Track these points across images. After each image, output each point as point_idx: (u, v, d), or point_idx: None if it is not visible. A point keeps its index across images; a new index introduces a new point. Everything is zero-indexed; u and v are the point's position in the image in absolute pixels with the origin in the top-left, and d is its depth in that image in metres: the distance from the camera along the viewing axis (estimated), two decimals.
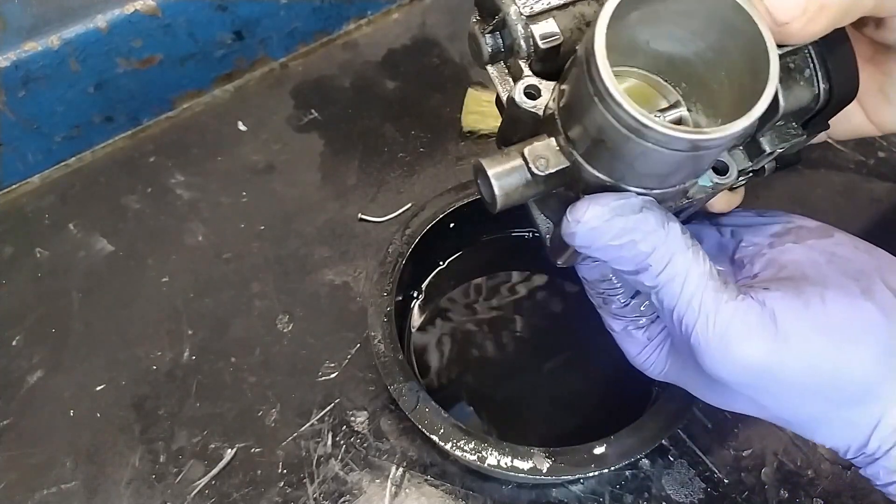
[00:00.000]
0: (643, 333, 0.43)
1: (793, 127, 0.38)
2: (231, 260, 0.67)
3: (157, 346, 0.62)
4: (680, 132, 0.30)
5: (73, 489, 0.56)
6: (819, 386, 0.36)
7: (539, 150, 0.34)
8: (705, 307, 0.35)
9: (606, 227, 0.34)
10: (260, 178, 0.72)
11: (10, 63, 0.64)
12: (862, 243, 0.41)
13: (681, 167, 0.33)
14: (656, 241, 0.35)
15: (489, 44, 0.38)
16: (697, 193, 0.38)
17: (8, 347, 0.62)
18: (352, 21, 0.83)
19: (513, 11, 0.36)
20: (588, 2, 0.37)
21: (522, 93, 0.36)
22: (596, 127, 0.32)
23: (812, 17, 0.32)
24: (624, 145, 0.32)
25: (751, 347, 0.35)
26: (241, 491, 0.56)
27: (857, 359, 0.35)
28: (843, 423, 0.37)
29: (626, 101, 0.30)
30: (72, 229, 0.69)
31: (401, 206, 0.69)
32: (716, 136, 0.30)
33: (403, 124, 0.76)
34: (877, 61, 0.42)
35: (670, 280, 0.35)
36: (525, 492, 0.55)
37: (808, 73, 0.37)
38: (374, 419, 0.59)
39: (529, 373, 0.60)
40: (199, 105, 0.78)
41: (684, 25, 0.34)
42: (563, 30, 0.36)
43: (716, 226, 0.45)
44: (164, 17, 0.69)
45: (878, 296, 0.37)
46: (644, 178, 0.34)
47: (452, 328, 0.62)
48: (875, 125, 0.45)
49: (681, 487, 0.55)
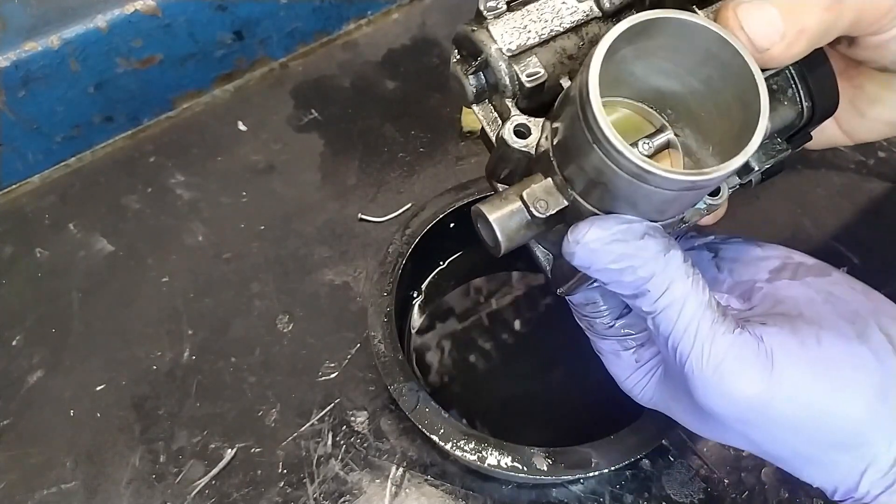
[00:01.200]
0: (632, 355, 0.43)
1: (778, 143, 0.39)
2: (231, 260, 0.67)
3: (157, 346, 0.62)
4: (681, 175, 0.30)
5: (72, 489, 0.56)
6: (810, 426, 0.36)
7: (538, 193, 0.35)
8: (701, 337, 0.35)
9: (606, 250, 0.34)
10: (260, 178, 0.72)
11: (11, 63, 0.64)
12: (859, 284, 0.41)
13: (680, 202, 0.34)
14: (655, 267, 0.35)
15: (473, 84, 0.38)
16: (693, 216, 0.39)
17: (8, 347, 0.62)
18: (352, 21, 0.83)
19: (494, 51, 0.36)
20: (568, 35, 0.37)
21: (513, 132, 0.36)
22: (594, 169, 0.32)
23: (792, 42, 0.33)
24: (624, 187, 0.32)
25: (745, 382, 0.35)
26: (241, 491, 0.56)
27: (849, 403, 0.35)
28: (832, 464, 0.37)
29: (626, 147, 0.30)
30: (72, 229, 0.69)
31: (401, 206, 0.69)
32: (714, 177, 0.30)
33: (403, 124, 0.76)
34: (848, 75, 0.43)
35: (668, 306, 0.35)
36: (525, 492, 0.55)
37: (790, 93, 0.37)
38: (374, 419, 0.59)
39: (529, 373, 0.60)
40: (199, 105, 0.78)
41: (672, 60, 0.34)
42: (546, 66, 0.36)
43: (713, 256, 0.45)
44: (164, 17, 0.69)
45: (872, 339, 0.37)
46: (644, 213, 0.34)
47: (452, 328, 0.62)
48: (847, 136, 0.46)
49: (681, 487, 0.55)
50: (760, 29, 0.33)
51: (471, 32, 0.36)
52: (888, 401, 0.36)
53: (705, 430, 0.40)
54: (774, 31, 0.33)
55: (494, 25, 0.36)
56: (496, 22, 0.36)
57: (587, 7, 0.36)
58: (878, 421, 0.35)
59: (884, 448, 0.35)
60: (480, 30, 0.36)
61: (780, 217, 0.68)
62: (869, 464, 0.36)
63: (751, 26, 0.33)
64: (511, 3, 0.36)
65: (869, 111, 0.44)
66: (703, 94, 0.35)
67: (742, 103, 0.32)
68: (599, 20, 0.37)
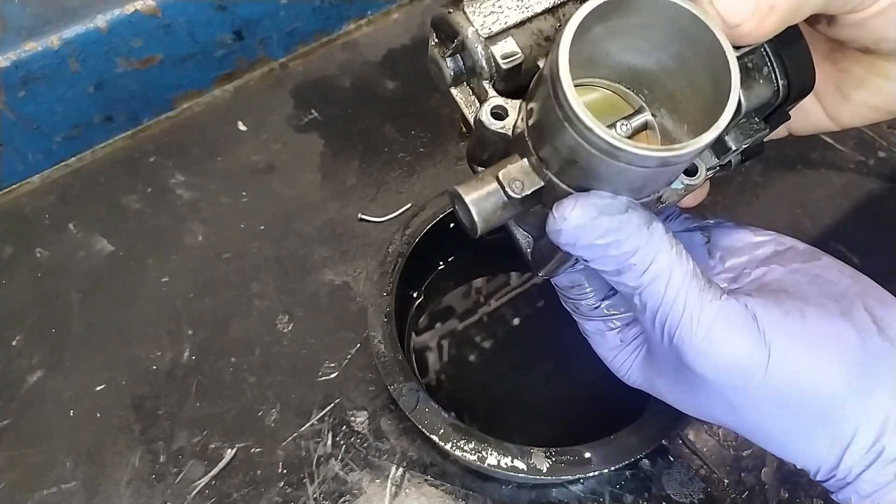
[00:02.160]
0: (616, 335, 0.43)
1: (755, 122, 0.39)
2: (231, 260, 0.67)
3: (157, 346, 0.62)
4: (651, 151, 0.30)
5: (72, 489, 0.56)
6: (794, 395, 0.36)
7: (513, 173, 0.35)
8: (689, 305, 0.36)
9: (592, 225, 0.34)
10: (260, 178, 0.72)
11: (10, 63, 0.64)
12: (848, 269, 0.41)
13: (654, 180, 0.34)
14: (639, 240, 0.35)
15: (450, 67, 0.38)
16: (670, 196, 0.39)
17: (8, 347, 0.62)
18: (352, 21, 0.83)
19: (471, 33, 0.36)
20: (544, 17, 0.37)
21: (489, 114, 0.36)
22: (567, 148, 0.32)
23: (763, 18, 0.33)
24: (597, 165, 0.32)
25: (734, 345, 0.35)
26: (241, 491, 0.56)
27: (829, 375, 0.36)
28: (814, 439, 0.37)
29: (596, 124, 0.30)
30: (72, 229, 0.69)
31: (401, 206, 0.69)
32: (685, 152, 0.30)
33: (403, 124, 0.76)
34: (833, 59, 0.43)
35: (654, 279, 0.36)
36: (525, 492, 0.55)
37: (766, 71, 0.37)
38: (374, 419, 0.59)
39: (530, 373, 0.60)
40: (199, 105, 0.78)
41: (644, 37, 0.34)
42: (523, 47, 0.36)
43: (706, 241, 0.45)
44: (164, 17, 0.69)
45: (856, 317, 0.37)
46: (618, 192, 0.35)
47: (452, 328, 0.62)
48: (833, 121, 0.45)
49: (681, 487, 0.55)
50: (731, 4, 0.33)
51: (447, 15, 0.36)
52: (869, 377, 0.36)
53: (693, 406, 0.40)
54: (745, 6, 0.33)
55: (471, 8, 0.36)
56: (472, 4, 0.36)
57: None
58: (857, 396, 0.35)
59: (864, 425, 0.35)
60: (457, 12, 0.36)
61: (780, 217, 0.68)
62: (850, 441, 0.36)
63: (721, 2, 0.33)
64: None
65: (854, 95, 0.43)
66: (677, 72, 0.35)
67: (714, 80, 0.32)
68: (576, 1, 0.37)
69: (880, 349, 0.36)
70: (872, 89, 0.42)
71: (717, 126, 0.31)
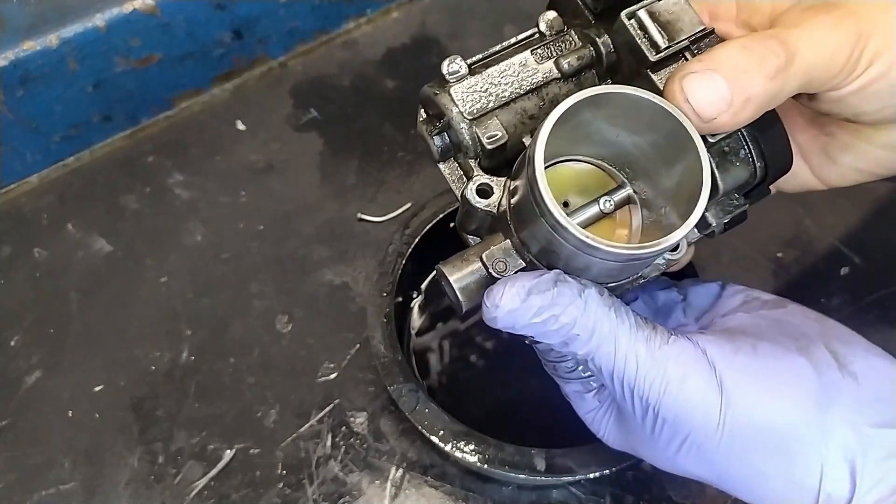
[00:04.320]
0: (594, 397, 0.44)
1: (735, 198, 0.40)
2: (230, 260, 0.67)
3: (156, 346, 0.62)
4: (623, 249, 0.32)
5: (71, 490, 0.56)
6: (751, 429, 0.36)
7: (496, 254, 0.37)
8: (641, 358, 0.36)
9: (524, 307, 0.35)
10: (259, 178, 0.72)
11: (9, 62, 0.64)
12: (813, 313, 0.41)
13: (631, 268, 0.36)
14: (576, 311, 0.35)
15: (438, 144, 0.39)
16: (652, 272, 0.40)
17: (6, 348, 0.62)
18: (351, 20, 0.83)
19: (455, 114, 0.37)
20: (528, 96, 0.38)
21: (475, 192, 0.37)
22: (544, 238, 0.34)
23: (737, 110, 0.34)
24: (573, 258, 0.34)
25: (689, 386, 0.36)
26: (240, 492, 0.55)
27: (784, 405, 0.36)
28: (783, 479, 0.36)
29: (570, 223, 0.32)
30: (70, 229, 0.69)
31: (400, 205, 0.69)
32: (655, 250, 0.32)
33: (403, 124, 0.76)
34: (818, 123, 0.44)
35: (601, 343, 0.36)
36: (525, 493, 0.55)
37: (742, 154, 0.38)
38: (373, 420, 0.58)
39: (530, 373, 0.60)
40: (198, 104, 0.77)
41: (621, 125, 0.36)
42: (507, 126, 0.37)
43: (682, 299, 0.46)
44: (163, 17, 0.69)
45: (813, 353, 0.37)
46: (598, 277, 0.36)
47: (452, 329, 0.62)
48: (821, 181, 0.46)
49: (681, 488, 0.55)
50: (706, 99, 0.33)
51: (434, 95, 0.38)
52: (828, 412, 0.36)
53: (666, 462, 0.40)
54: (721, 100, 0.33)
55: (455, 89, 0.37)
56: (458, 86, 0.37)
57: (547, 69, 0.38)
58: (818, 430, 0.35)
59: (831, 461, 0.35)
60: (443, 93, 0.37)
61: (781, 217, 0.68)
62: (819, 478, 0.35)
63: (696, 98, 0.33)
64: (473, 66, 0.38)
65: (840, 158, 0.44)
66: (654, 159, 0.36)
67: (689, 170, 0.34)
68: (559, 81, 0.39)
69: (840, 384, 0.37)
70: (857, 153, 0.43)
71: (687, 225, 0.32)
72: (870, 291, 0.64)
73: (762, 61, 0.33)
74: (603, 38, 0.38)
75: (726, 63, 0.33)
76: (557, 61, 0.38)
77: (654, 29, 0.35)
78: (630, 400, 0.37)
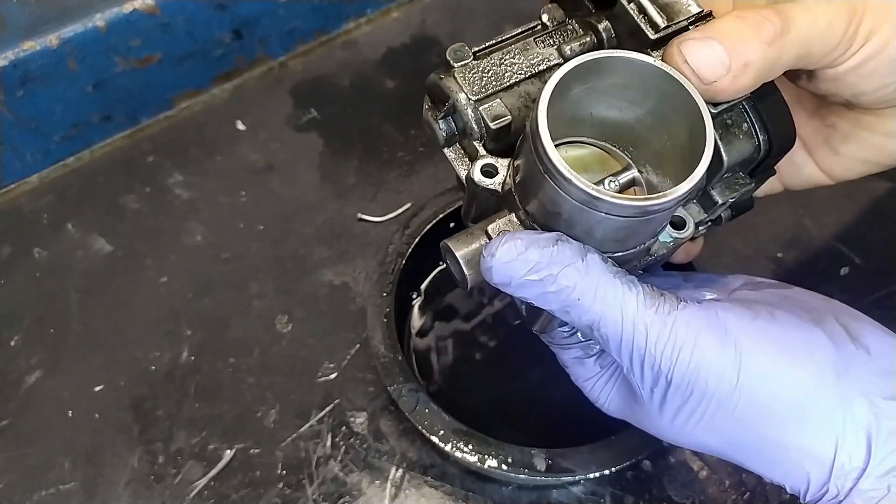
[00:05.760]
0: (595, 362, 0.42)
1: (740, 177, 0.40)
2: (230, 260, 0.67)
3: (156, 346, 0.62)
4: (627, 201, 0.32)
5: (71, 490, 0.56)
6: (768, 396, 0.35)
7: (501, 227, 0.37)
8: (651, 325, 0.35)
9: (521, 260, 0.34)
10: (259, 178, 0.72)
11: (9, 62, 0.64)
12: (819, 295, 0.41)
13: (636, 231, 0.35)
14: (576, 274, 0.34)
15: (443, 129, 0.40)
16: (659, 250, 0.39)
17: (6, 348, 0.62)
18: (351, 20, 0.83)
19: (462, 97, 0.38)
20: (531, 80, 0.39)
21: (480, 172, 0.38)
22: (550, 201, 0.34)
23: (737, 75, 0.34)
24: (578, 216, 0.34)
25: (702, 350, 0.35)
26: (240, 492, 0.55)
27: (804, 373, 0.35)
28: (797, 449, 0.35)
29: (574, 175, 0.32)
30: (70, 229, 0.69)
31: (400, 205, 0.69)
32: (662, 201, 0.32)
33: (403, 124, 0.76)
34: (820, 114, 0.44)
35: (606, 311, 0.35)
36: (525, 493, 0.55)
37: (745, 127, 0.38)
38: (373, 420, 0.58)
39: (531, 373, 0.60)
40: (198, 104, 0.77)
41: (623, 96, 0.36)
42: (511, 109, 0.38)
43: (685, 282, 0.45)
44: (163, 16, 0.69)
45: (827, 326, 0.37)
46: (603, 243, 0.35)
47: (452, 329, 0.62)
48: (826, 175, 0.46)
49: (682, 488, 0.55)
50: (705, 61, 0.34)
51: (439, 80, 0.39)
52: (846, 382, 0.35)
53: (672, 433, 0.39)
54: (720, 64, 0.34)
55: (461, 73, 0.38)
56: (463, 70, 0.38)
57: (549, 54, 0.39)
58: (836, 400, 0.35)
59: (848, 433, 0.34)
60: (448, 78, 0.38)
61: (781, 217, 0.68)
62: (835, 449, 0.35)
63: (694, 60, 0.34)
64: (477, 52, 0.39)
65: (843, 149, 0.44)
66: (656, 128, 0.36)
67: (691, 133, 0.34)
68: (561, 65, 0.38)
69: (855, 356, 0.36)
70: (859, 142, 0.44)
71: (694, 176, 0.32)
72: (870, 291, 0.64)
73: (758, 28, 0.34)
74: (603, 24, 0.39)
75: (723, 30, 0.34)
76: (560, 47, 0.39)
77: (654, 10, 0.36)
78: (640, 370, 0.36)
